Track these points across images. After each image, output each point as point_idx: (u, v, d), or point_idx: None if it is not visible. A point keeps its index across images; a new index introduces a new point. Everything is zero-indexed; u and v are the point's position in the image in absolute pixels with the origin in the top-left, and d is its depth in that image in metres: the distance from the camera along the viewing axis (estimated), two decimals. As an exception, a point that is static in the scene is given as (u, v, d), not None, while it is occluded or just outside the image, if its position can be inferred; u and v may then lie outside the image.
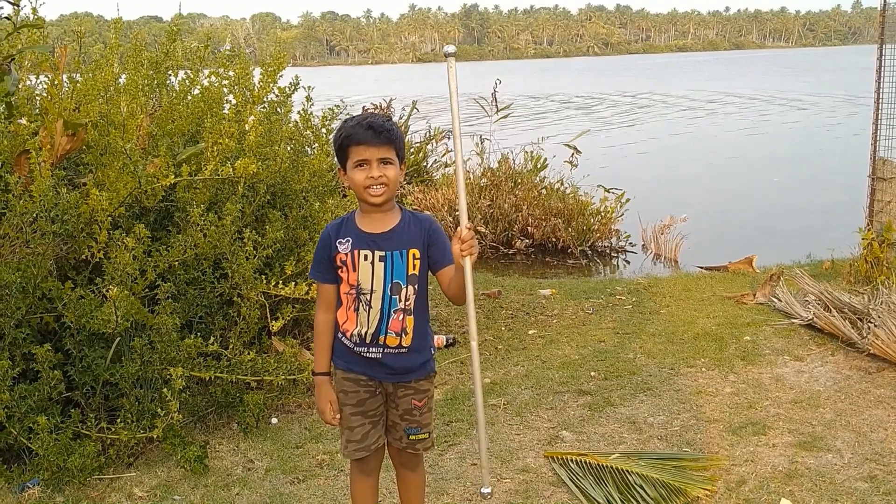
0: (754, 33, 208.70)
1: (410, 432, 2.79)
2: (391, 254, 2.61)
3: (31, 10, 4.52)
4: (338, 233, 2.65)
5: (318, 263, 2.71)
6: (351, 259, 2.61)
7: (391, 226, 2.64)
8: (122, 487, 3.67)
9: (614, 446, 3.96)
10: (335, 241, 2.64)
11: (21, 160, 3.97)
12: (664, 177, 14.16)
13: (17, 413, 3.57)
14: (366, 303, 2.62)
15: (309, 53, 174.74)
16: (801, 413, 4.25)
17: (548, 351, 5.35)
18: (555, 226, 8.71)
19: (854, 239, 6.80)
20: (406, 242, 2.62)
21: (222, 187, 4.53)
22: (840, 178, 12.72)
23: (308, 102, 5.15)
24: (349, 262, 2.61)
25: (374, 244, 2.61)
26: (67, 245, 3.96)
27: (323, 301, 2.73)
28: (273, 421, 4.33)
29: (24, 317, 3.69)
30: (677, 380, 4.76)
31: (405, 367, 2.71)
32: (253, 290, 4.30)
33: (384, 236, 2.61)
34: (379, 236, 2.61)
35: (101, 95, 4.56)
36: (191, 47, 5.61)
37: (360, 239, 2.62)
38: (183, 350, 3.93)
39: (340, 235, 2.65)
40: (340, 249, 2.63)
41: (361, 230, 2.63)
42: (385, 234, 2.61)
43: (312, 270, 2.75)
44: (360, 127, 2.56)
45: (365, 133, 2.55)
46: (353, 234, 2.63)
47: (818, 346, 5.20)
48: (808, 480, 3.55)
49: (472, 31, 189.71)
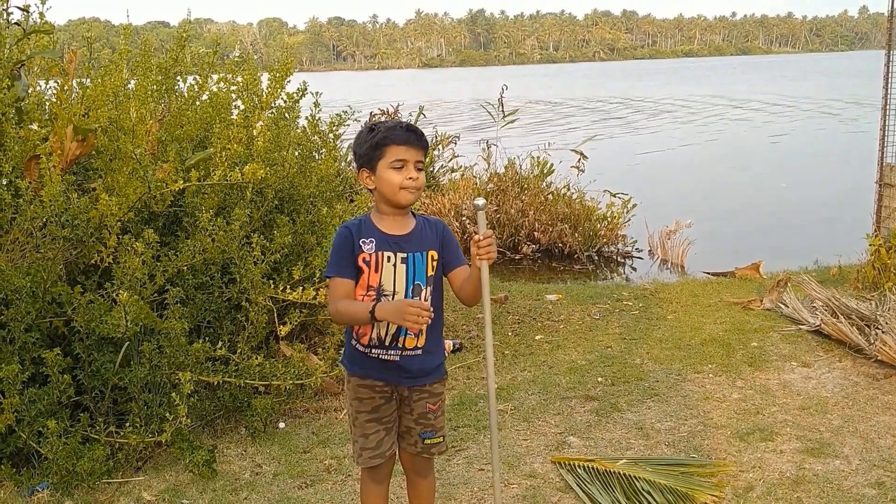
0: (761, 38, 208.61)
1: (426, 436, 2.79)
2: (413, 255, 2.64)
3: (39, 16, 4.56)
4: (359, 232, 2.64)
5: (340, 259, 2.64)
6: (375, 260, 2.62)
7: (410, 228, 2.67)
8: (131, 491, 3.68)
9: (622, 452, 3.95)
10: (358, 241, 2.63)
11: (31, 165, 3.99)
12: (670, 182, 14.16)
13: (27, 417, 3.59)
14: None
15: (315, 58, 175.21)
16: (808, 419, 4.24)
17: (555, 356, 5.35)
18: (561, 231, 8.72)
19: (861, 245, 6.79)
20: (425, 244, 2.66)
21: (231, 192, 4.55)
22: (848, 184, 12.70)
23: (316, 108, 5.17)
24: (372, 263, 2.62)
25: (397, 246, 2.63)
26: (77, 250, 3.98)
27: (342, 296, 2.63)
28: (281, 425, 4.34)
29: (33, 321, 3.70)
30: (684, 385, 4.75)
31: (421, 370, 2.72)
32: (261, 294, 4.31)
33: (405, 238, 2.63)
34: (401, 238, 2.64)
35: (110, 101, 4.58)
36: (199, 53, 5.63)
37: (383, 240, 2.63)
38: (191, 354, 3.94)
39: (363, 235, 2.64)
40: (365, 249, 2.63)
41: (383, 232, 2.64)
42: (406, 235, 2.64)
43: (332, 268, 2.65)
44: (399, 129, 2.61)
45: (406, 135, 2.60)
46: (375, 236, 2.64)
47: (825, 353, 5.19)
48: (815, 487, 3.54)
49: (478, 37, 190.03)
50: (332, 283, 2.65)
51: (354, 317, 2.60)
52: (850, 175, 13.30)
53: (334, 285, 2.65)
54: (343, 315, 2.62)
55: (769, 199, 12.40)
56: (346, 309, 2.60)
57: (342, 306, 2.60)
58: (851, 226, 8.34)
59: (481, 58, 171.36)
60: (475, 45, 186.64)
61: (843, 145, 18.26)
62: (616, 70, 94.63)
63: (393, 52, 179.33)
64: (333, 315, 2.67)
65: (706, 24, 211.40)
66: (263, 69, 5.47)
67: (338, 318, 2.67)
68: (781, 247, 9.17)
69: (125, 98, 4.79)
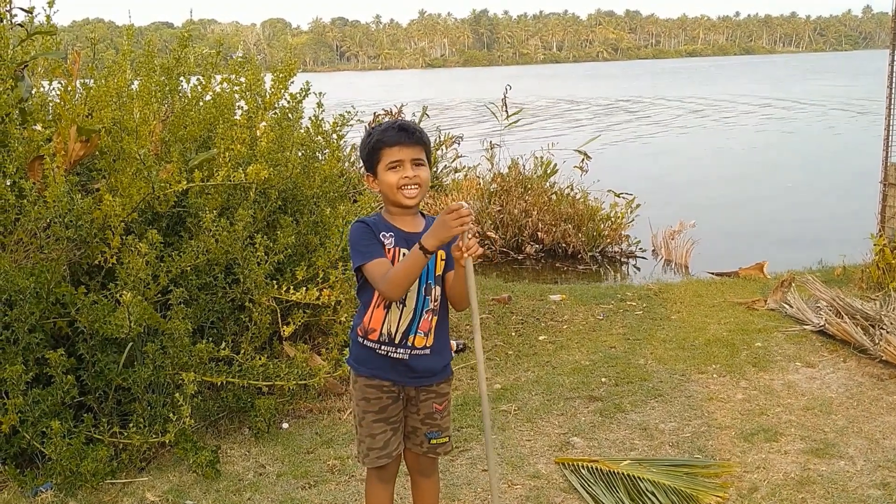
0: (764, 38, 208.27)
1: (432, 436, 2.80)
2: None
3: (44, 17, 4.56)
4: (377, 227, 2.63)
5: (368, 245, 2.57)
6: (393, 255, 2.60)
7: (421, 227, 2.67)
8: (135, 492, 3.68)
9: (625, 452, 3.95)
10: (378, 234, 2.61)
11: (34, 165, 4.00)
12: (674, 182, 14.14)
13: (31, 417, 3.59)
14: (400, 301, 2.63)
15: (319, 59, 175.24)
16: (813, 420, 4.23)
17: (558, 356, 5.34)
18: (565, 231, 8.71)
19: (866, 245, 6.77)
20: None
21: (234, 193, 4.55)
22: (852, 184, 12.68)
23: (319, 109, 5.17)
24: (390, 258, 2.60)
25: (412, 244, 2.60)
26: (81, 250, 3.98)
27: (386, 272, 2.54)
28: (284, 426, 4.34)
29: (37, 322, 3.71)
30: (688, 386, 4.74)
31: (429, 369, 2.72)
32: (264, 295, 4.32)
33: (418, 236, 2.60)
34: (416, 236, 2.61)
35: (113, 101, 4.58)
36: (202, 53, 5.64)
37: (400, 237, 2.62)
38: (195, 355, 3.94)
39: (381, 230, 2.62)
40: (386, 243, 2.62)
41: (399, 228, 2.64)
42: (419, 234, 2.61)
43: (359, 256, 2.57)
44: (391, 130, 2.60)
45: (397, 135, 2.58)
46: (393, 231, 2.63)
47: (830, 353, 5.17)
48: (820, 487, 3.53)
49: (481, 37, 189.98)
50: (369, 268, 2.56)
51: (410, 270, 2.50)
52: (856, 174, 13.27)
53: (372, 268, 2.56)
54: (399, 279, 2.51)
55: (773, 198, 12.37)
56: (397, 272, 2.51)
57: (392, 274, 2.51)
58: (856, 225, 8.32)
59: (485, 58, 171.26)
60: (478, 46, 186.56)
61: (860, 144, 18.13)
62: (621, 69, 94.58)
63: (396, 53, 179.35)
64: (389, 290, 2.54)
65: (710, 24, 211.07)
66: (267, 70, 5.47)
67: (395, 289, 2.54)
68: (785, 246, 9.16)
69: (129, 99, 4.80)
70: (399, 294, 2.57)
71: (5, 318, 3.62)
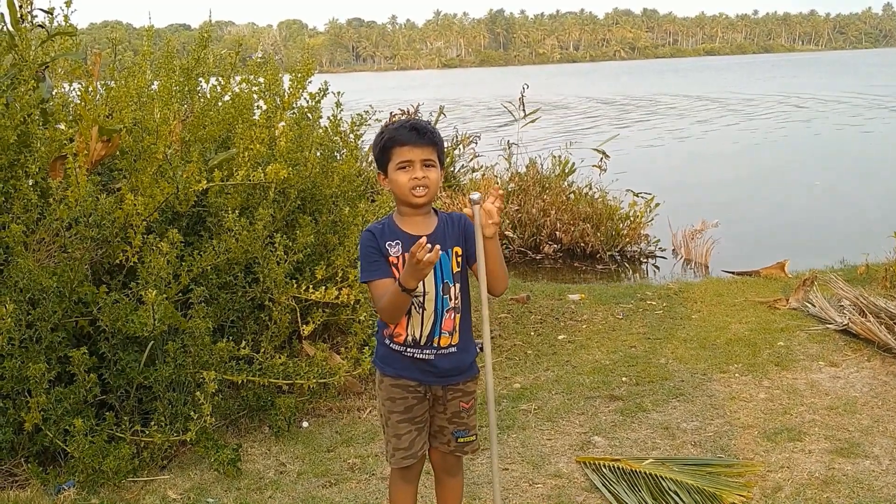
0: (783, 36, 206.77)
1: (459, 435, 2.80)
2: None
3: (63, 19, 4.59)
4: (382, 235, 2.63)
5: (372, 262, 2.62)
6: (403, 263, 2.59)
7: (432, 228, 2.66)
8: (157, 490, 3.69)
9: (647, 452, 3.92)
10: (384, 244, 2.62)
11: (56, 165, 4.02)
12: (695, 181, 14.04)
13: (54, 416, 3.62)
14: (418, 305, 2.63)
15: (335, 60, 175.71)
16: (837, 419, 4.18)
17: (578, 356, 5.32)
18: (583, 230, 8.67)
19: (889, 243, 6.69)
20: (450, 241, 2.65)
21: (253, 192, 4.56)
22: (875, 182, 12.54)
23: (338, 108, 5.17)
24: (400, 266, 2.59)
25: None
26: (102, 250, 4.00)
27: (382, 295, 2.61)
28: (304, 424, 4.35)
29: (60, 321, 3.73)
30: (710, 385, 4.71)
31: (455, 368, 2.72)
32: (284, 294, 4.32)
33: (430, 238, 2.60)
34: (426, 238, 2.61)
35: (134, 102, 4.61)
36: (221, 54, 5.66)
37: (409, 242, 2.59)
38: (215, 354, 3.95)
39: (388, 238, 2.63)
40: (392, 252, 2.61)
41: (408, 233, 2.62)
42: (430, 235, 2.61)
43: (365, 273, 2.64)
44: (403, 129, 2.59)
45: (409, 134, 2.57)
46: (401, 238, 2.62)
47: (853, 352, 5.12)
48: (845, 487, 3.49)
49: (497, 37, 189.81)
50: (371, 288, 2.65)
51: (395, 304, 2.56)
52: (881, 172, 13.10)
53: (373, 288, 2.64)
54: (388, 310, 2.60)
55: (795, 197, 12.25)
56: (385, 306, 2.58)
57: (383, 304, 2.59)
58: (879, 224, 8.22)
59: (501, 58, 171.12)
60: (494, 46, 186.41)
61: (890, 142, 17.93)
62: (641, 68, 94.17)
63: (412, 53, 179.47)
64: (383, 317, 2.66)
65: (728, 23, 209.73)
66: (284, 70, 5.49)
67: (386, 317, 2.64)
68: (807, 245, 9.07)
69: (149, 99, 4.83)
70: (393, 322, 2.65)
71: (28, 316, 3.64)
